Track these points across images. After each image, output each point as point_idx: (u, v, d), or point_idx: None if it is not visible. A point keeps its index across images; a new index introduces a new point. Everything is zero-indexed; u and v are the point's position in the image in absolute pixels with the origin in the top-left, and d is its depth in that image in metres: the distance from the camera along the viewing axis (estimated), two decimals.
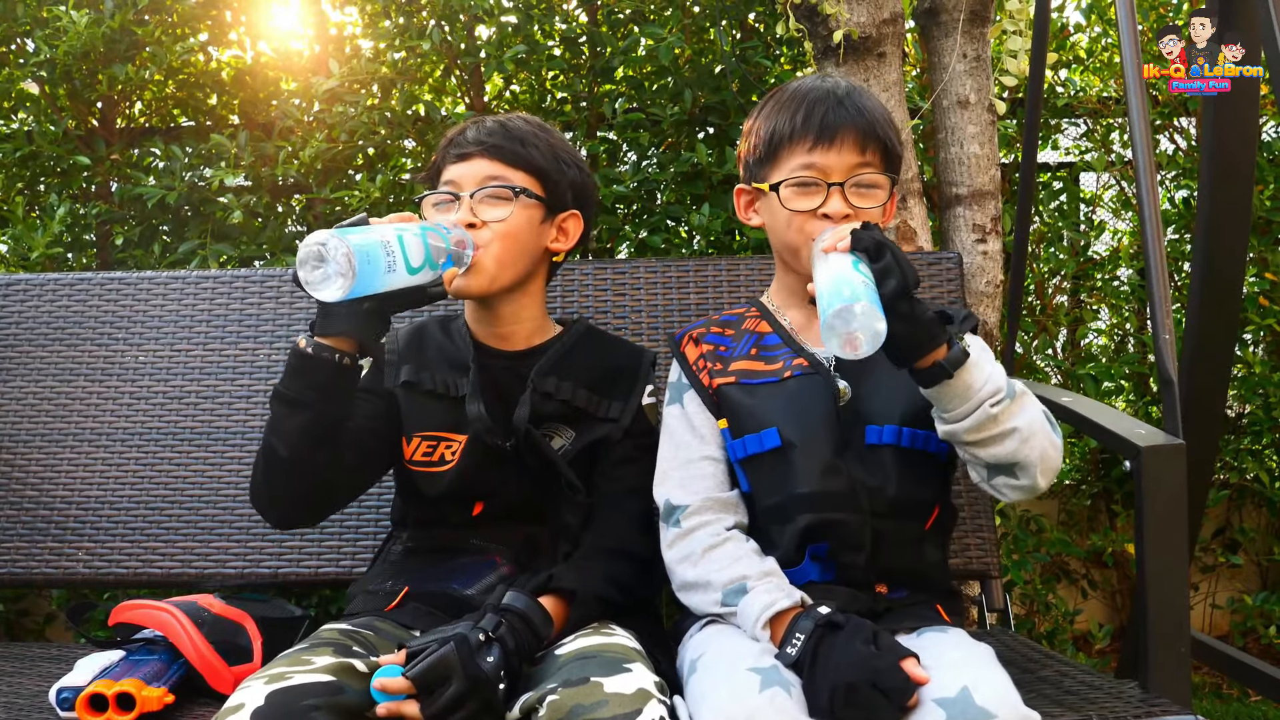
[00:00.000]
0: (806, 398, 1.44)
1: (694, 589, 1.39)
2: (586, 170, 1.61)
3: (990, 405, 1.29)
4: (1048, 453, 1.33)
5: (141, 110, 3.07)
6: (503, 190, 1.48)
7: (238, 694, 1.15)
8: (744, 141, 1.55)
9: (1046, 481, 1.35)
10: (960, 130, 2.38)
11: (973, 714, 1.11)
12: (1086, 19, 3.18)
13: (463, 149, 1.51)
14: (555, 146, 1.55)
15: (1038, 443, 1.32)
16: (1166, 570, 1.42)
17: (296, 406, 1.34)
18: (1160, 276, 1.58)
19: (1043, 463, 1.33)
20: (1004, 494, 1.38)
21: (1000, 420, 1.30)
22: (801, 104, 1.45)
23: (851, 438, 1.42)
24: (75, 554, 1.87)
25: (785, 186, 1.44)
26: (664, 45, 2.62)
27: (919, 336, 1.25)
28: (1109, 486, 3.15)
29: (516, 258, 1.50)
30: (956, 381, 1.28)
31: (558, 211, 1.55)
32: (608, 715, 1.10)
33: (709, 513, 1.43)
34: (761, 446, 1.43)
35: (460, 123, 1.59)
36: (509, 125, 1.53)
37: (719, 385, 1.48)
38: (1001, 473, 1.35)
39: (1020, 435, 1.31)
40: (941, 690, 1.14)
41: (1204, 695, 2.90)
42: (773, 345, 1.51)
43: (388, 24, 2.82)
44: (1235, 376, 2.96)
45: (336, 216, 2.84)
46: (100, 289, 2.02)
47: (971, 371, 1.28)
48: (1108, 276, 3.18)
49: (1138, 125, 1.64)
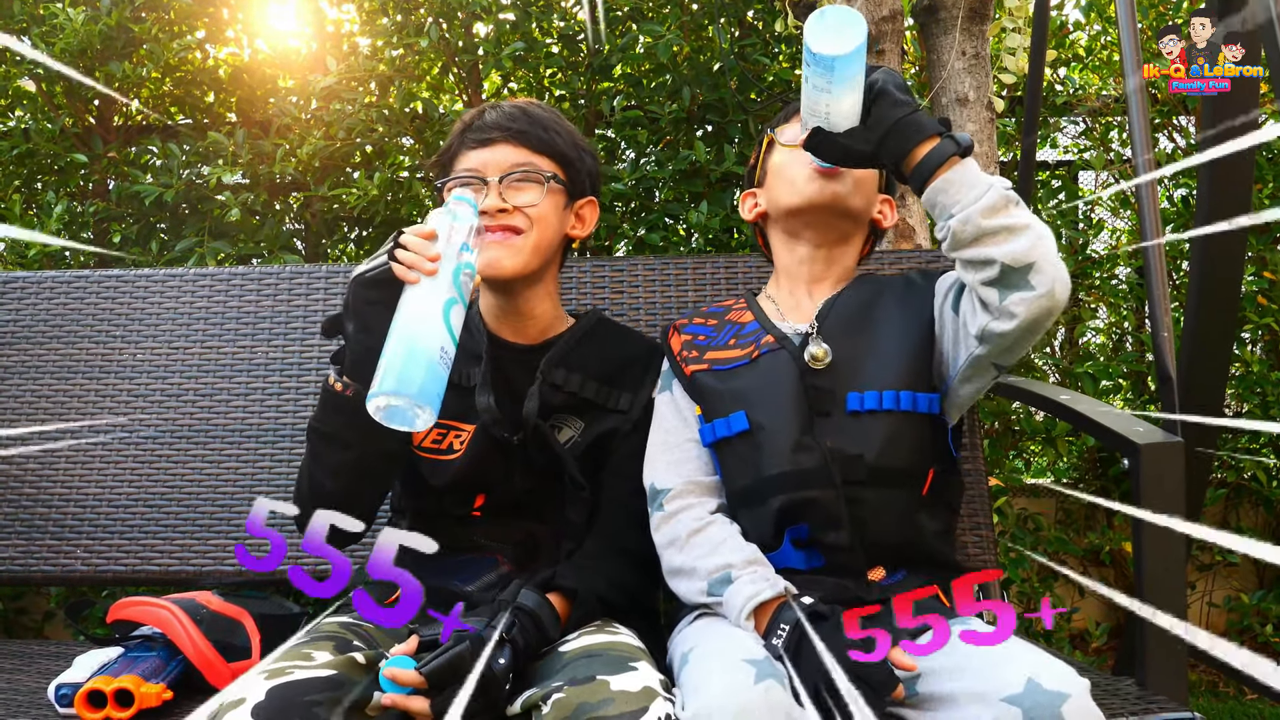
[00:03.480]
0: (773, 374, 1.43)
1: (680, 575, 1.39)
2: (597, 159, 1.62)
3: (1003, 187, 1.26)
4: (1059, 261, 1.26)
5: (139, 108, 3.06)
6: (534, 175, 1.48)
7: (237, 687, 1.14)
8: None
9: (1062, 291, 1.25)
10: (959, 128, 2.38)
11: (1048, 700, 1.09)
12: (1086, 17, 3.18)
13: (485, 134, 1.49)
14: (573, 134, 1.55)
15: (1049, 244, 1.26)
16: (1164, 568, 1.42)
17: (336, 443, 1.35)
18: (1159, 275, 1.58)
19: (1057, 268, 1.24)
20: (1017, 312, 1.26)
21: (1003, 210, 1.25)
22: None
23: (829, 407, 1.40)
24: (73, 551, 1.86)
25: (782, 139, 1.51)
26: (662, 43, 2.62)
27: (904, 129, 1.26)
28: (1107, 484, 3.15)
29: (548, 244, 1.50)
30: (959, 170, 1.26)
31: (577, 198, 1.55)
32: (614, 714, 1.10)
33: (691, 495, 1.43)
34: (730, 430, 1.43)
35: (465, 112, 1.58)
36: (530, 111, 1.51)
37: (693, 372, 1.49)
38: (1015, 284, 1.25)
39: (1035, 231, 1.25)
40: (1008, 688, 1.12)
41: (1200, 693, 2.91)
42: (750, 332, 1.51)
43: (385, 21, 2.82)
44: (1233, 375, 2.96)
45: (334, 214, 2.84)
46: (98, 286, 2.02)
47: (970, 167, 1.27)
48: (1106, 275, 3.18)
49: (1137, 124, 1.64)
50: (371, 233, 2.91)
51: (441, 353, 1.18)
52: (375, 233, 2.90)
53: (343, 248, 2.99)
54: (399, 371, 1.16)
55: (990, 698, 1.13)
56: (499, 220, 1.45)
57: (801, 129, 1.34)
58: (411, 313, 1.21)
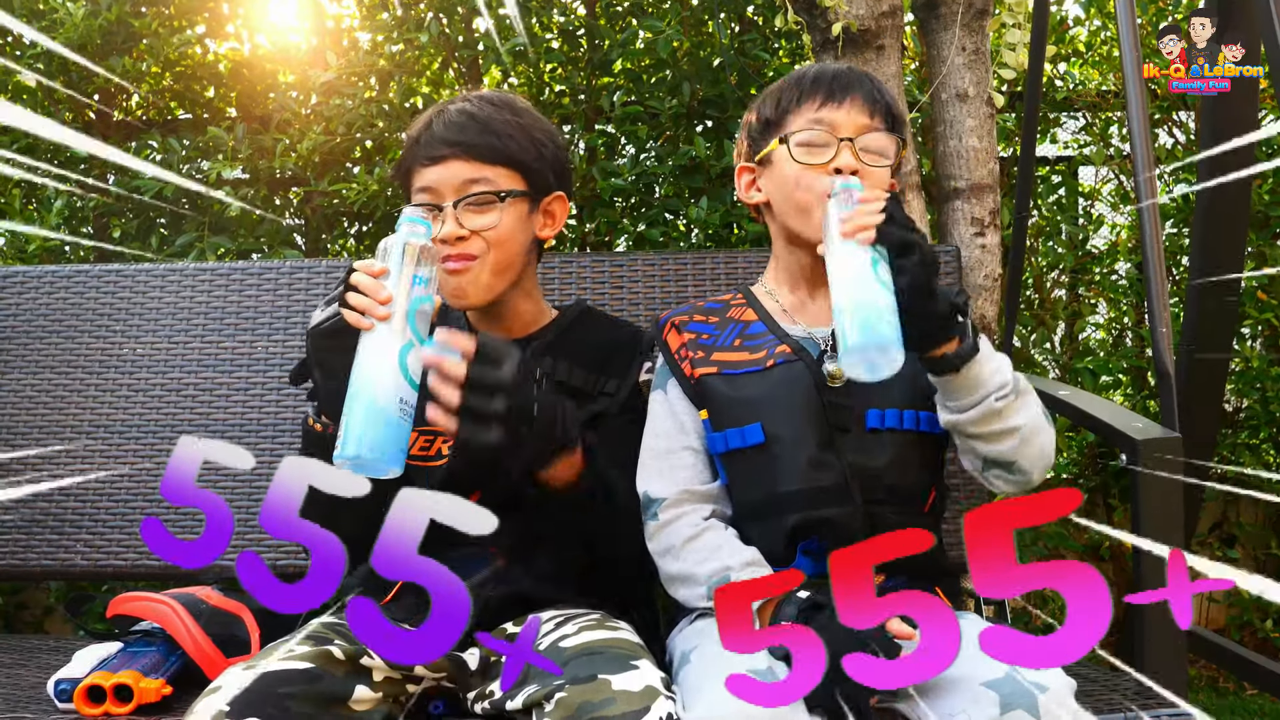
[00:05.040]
0: (790, 387, 1.41)
1: (679, 582, 1.38)
2: (560, 141, 1.54)
3: (995, 399, 1.28)
4: (1045, 450, 1.33)
5: (139, 103, 3.06)
6: (486, 196, 1.42)
7: (219, 678, 1.15)
8: (744, 126, 1.53)
9: (1039, 477, 1.35)
10: (959, 124, 2.38)
11: (1025, 689, 1.11)
12: (1086, 12, 3.18)
13: (434, 150, 1.42)
14: (528, 128, 1.47)
15: (1037, 442, 1.32)
16: (1163, 564, 1.42)
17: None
18: (1158, 271, 1.58)
19: (1040, 461, 1.33)
20: (996, 486, 1.38)
21: (1004, 416, 1.29)
22: (807, 73, 1.46)
23: (848, 423, 1.40)
24: (73, 546, 1.87)
25: (795, 142, 1.42)
26: (662, 38, 2.62)
27: (932, 331, 1.25)
28: (1106, 480, 3.15)
29: (512, 260, 1.45)
30: (965, 374, 1.27)
31: (542, 198, 1.49)
32: (616, 713, 1.10)
33: (686, 504, 1.41)
34: (744, 441, 1.40)
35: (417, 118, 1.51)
36: (478, 116, 1.44)
37: (701, 375, 1.45)
38: (997, 467, 1.35)
39: (1021, 435, 1.31)
40: (989, 673, 1.14)
41: (1200, 689, 2.91)
42: (757, 334, 1.47)
43: (385, 16, 2.81)
44: (1233, 371, 2.96)
45: (334, 209, 2.84)
46: (98, 281, 2.02)
47: (981, 365, 1.28)
48: (1106, 270, 3.18)
49: (1136, 119, 1.64)
50: (371, 227, 2.91)
51: (401, 404, 1.16)
52: (375, 228, 2.90)
53: (342, 243, 2.99)
54: (359, 435, 1.14)
55: (970, 681, 1.15)
56: (457, 249, 1.40)
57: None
58: (368, 366, 1.18)
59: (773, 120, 1.46)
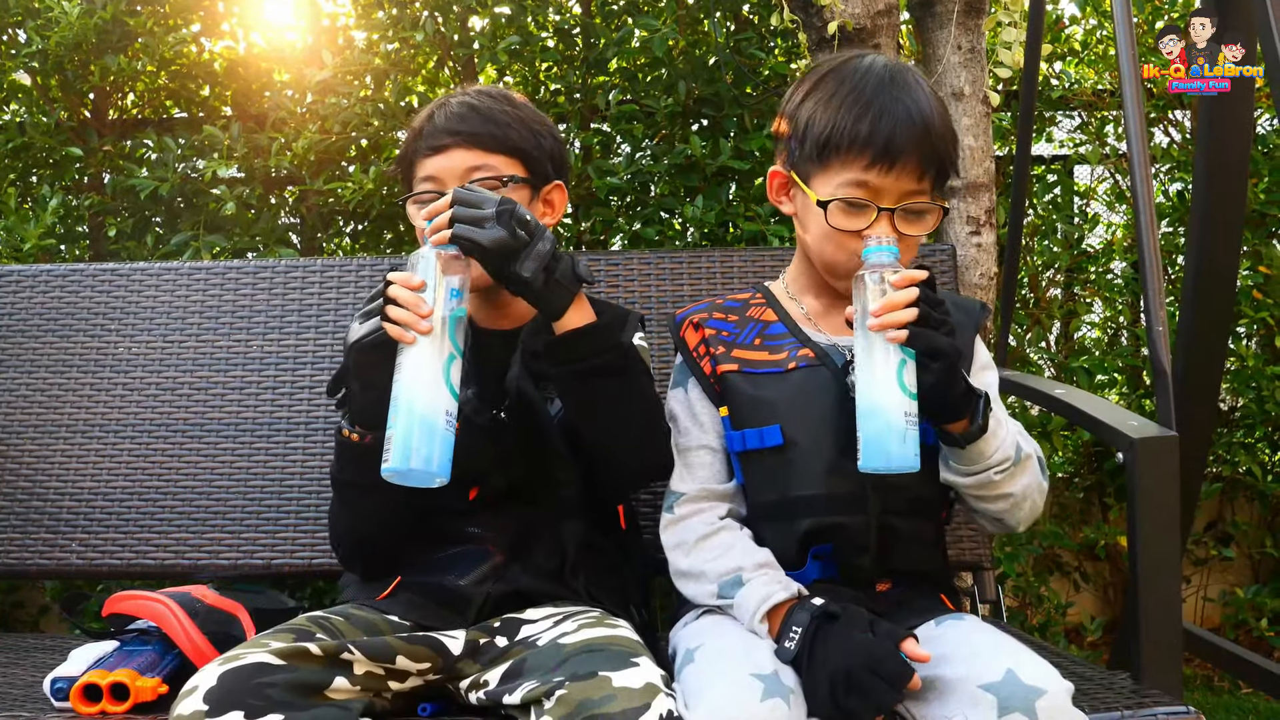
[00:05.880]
0: (811, 392, 1.40)
1: (688, 578, 1.39)
2: (558, 134, 1.57)
3: (994, 473, 1.31)
4: (1035, 508, 1.38)
5: (134, 101, 3.06)
6: (490, 182, 1.44)
7: (194, 677, 1.15)
8: (786, 120, 1.43)
9: (1025, 528, 1.41)
10: (955, 122, 2.37)
11: (1023, 693, 1.12)
12: (1082, 11, 3.18)
13: (437, 140, 1.46)
14: (527, 120, 1.50)
15: (1027, 505, 1.36)
16: (1159, 563, 1.42)
17: (361, 489, 1.36)
18: (1154, 269, 1.58)
19: (1028, 518, 1.38)
20: (982, 525, 1.45)
21: (1000, 485, 1.32)
22: (867, 107, 1.33)
23: None
24: (69, 545, 1.86)
25: (834, 205, 1.35)
26: (658, 37, 2.62)
27: (944, 412, 1.28)
28: (1102, 479, 3.15)
29: None
30: (969, 449, 1.30)
31: (542, 186, 1.51)
32: (616, 710, 1.10)
33: (704, 501, 1.42)
34: (762, 442, 1.40)
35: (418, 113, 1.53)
36: (479, 107, 1.47)
37: (723, 372, 1.44)
38: (986, 517, 1.40)
39: (1013, 500, 1.34)
40: (988, 675, 1.15)
41: (1195, 687, 2.92)
42: (777, 335, 1.46)
43: (381, 15, 2.81)
44: (1228, 370, 2.97)
45: (330, 208, 2.84)
46: (93, 280, 2.02)
47: (988, 441, 1.30)
48: (1101, 269, 3.18)
49: (1132, 118, 1.64)
50: (367, 226, 2.91)
51: (447, 416, 1.20)
52: (370, 226, 2.89)
53: (338, 242, 2.99)
54: (409, 448, 1.18)
55: (969, 683, 1.16)
56: None
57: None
58: (413, 380, 1.21)
59: (814, 156, 1.37)
